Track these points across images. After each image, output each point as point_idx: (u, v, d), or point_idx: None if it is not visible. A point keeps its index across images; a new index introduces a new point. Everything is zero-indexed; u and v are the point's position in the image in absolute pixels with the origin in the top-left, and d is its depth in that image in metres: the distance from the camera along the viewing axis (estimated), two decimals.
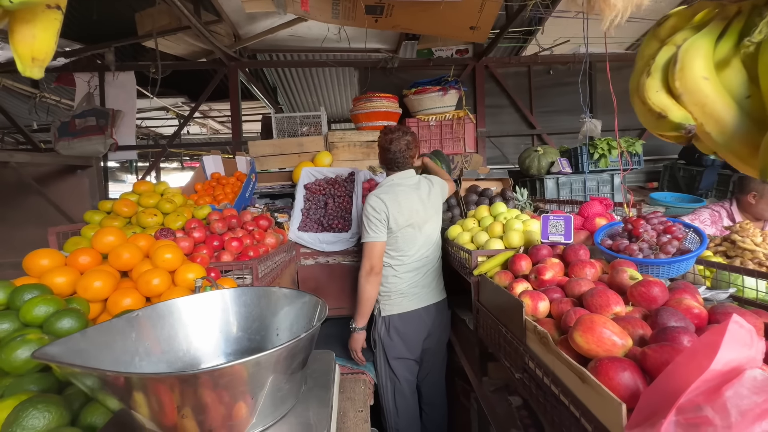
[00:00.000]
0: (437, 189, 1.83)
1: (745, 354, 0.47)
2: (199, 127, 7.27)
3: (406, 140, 1.71)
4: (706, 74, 0.48)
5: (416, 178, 1.80)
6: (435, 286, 1.79)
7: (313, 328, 0.55)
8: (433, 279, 1.78)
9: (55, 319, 0.80)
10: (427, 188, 1.78)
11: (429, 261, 1.75)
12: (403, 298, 1.70)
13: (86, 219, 1.43)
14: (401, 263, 1.69)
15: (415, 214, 1.68)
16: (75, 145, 3.46)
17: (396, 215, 1.63)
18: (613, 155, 2.75)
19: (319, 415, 0.57)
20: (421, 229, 1.71)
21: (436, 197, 1.81)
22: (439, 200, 1.84)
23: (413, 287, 1.71)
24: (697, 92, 0.49)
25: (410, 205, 1.67)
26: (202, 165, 2.56)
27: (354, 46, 3.59)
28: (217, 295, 0.73)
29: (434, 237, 1.79)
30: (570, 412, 0.68)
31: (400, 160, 1.72)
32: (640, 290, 0.83)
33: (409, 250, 1.69)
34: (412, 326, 1.71)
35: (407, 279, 1.70)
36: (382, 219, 1.61)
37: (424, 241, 1.72)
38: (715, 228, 1.97)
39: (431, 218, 1.76)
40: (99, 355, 0.55)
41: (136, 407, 0.48)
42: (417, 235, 1.70)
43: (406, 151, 1.72)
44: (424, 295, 1.74)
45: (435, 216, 1.79)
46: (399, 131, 1.72)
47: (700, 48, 0.49)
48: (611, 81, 1.94)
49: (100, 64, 3.69)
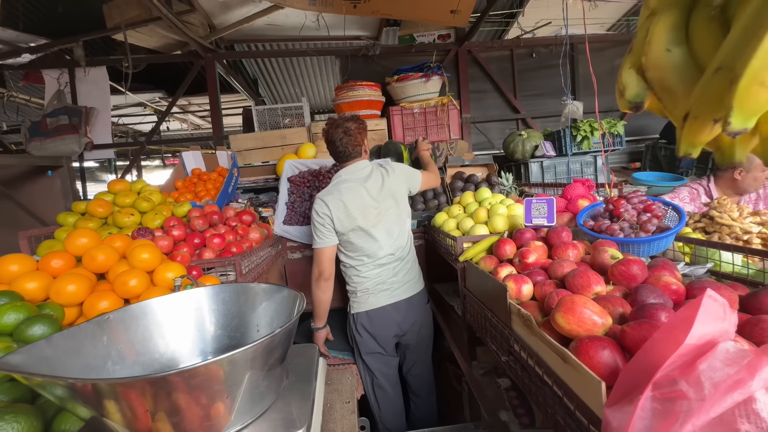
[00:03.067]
0: (397, 176, 1.65)
1: (718, 327, 0.48)
2: (180, 123, 7.08)
3: (344, 128, 1.56)
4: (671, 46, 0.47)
5: (367, 169, 1.62)
6: (407, 280, 1.67)
7: (290, 322, 0.53)
8: (404, 273, 1.66)
9: (25, 326, 0.77)
10: (379, 179, 1.60)
11: (395, 258, 1.63)
12: (370, 295, 1.63)
13: (59, 221, 1.38)
14: (362, 263, 1.61)
15: (365, 213, 1.55)
16: (48, 146, 3.33)
17: (341, 218, 1.52)
18: (596, 137, 2.77)
19: (301, 409, 0.56)
20: (375, 228, 1.57)
21: (395, 185, 1.62)
22: (401, 187, 1.65)
23: (379, 284, 1.62)
24: (657, 66, 0.48)
25: (358, 203, 1.54)
26: (181, 161, 2.49)
27: (333, 34, 3.51)
28: (193, 294, 0.71)
29: (396, 231, 1.62)
30: (553, 392, 0.68)
31: (343, 150, 1.58)
32: (620, 269, 0.84)
33: (368, 250, 1.59)
34: (381, 323, 1.63)
35: (372, 277, 1.61)
36: (326, 224, 1.53)
37: (384, 237, 1.60)
38: (693, 205, 2.01)
39: (388, 211, 1.60)
40: (67, 362, 0.53)
41: (107, 414, 0.46)
42: (373, 234, 1.57)
43: (346, 139, 1.56)
44: (393, 290, 1.64)
45: (394, 207, 1.62)
46: (338, 119, 1.59)
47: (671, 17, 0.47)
48: (591, 62, 1.94)
49: (69, 60, 3.53)
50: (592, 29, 3.93)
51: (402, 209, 1.66)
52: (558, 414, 0.67)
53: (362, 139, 1.61)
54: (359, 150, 1.61)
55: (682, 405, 0.43)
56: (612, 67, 4.01)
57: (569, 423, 0.63)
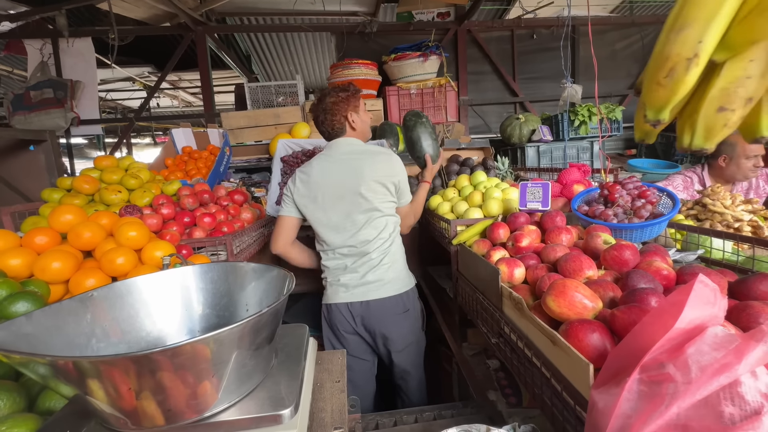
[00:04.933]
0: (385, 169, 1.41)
1: (708, 312, 0.48)
2: (170, 99, 6.90)
3: (323, 105, 1.42)
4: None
5: (352, 146, 1.44)
6: (370, 280, 1.44)
7: (278, 302, 0.52)
8: (366, 272, 1.44)
9: (8, 302, 0.75)
10: (360, 161, 1.40)
11: (357, 251, 1.43)
12: (329, 287, 1.50)
13: (44, 197, 1.34)
14: (323, 250, 1.50)
15: (325, 190, 1.40)
16: (32, 120, 3.23)
17: (300, 200, 1.43)
18: (594, 122, 2.74)
19: (289, 387, 0.56)
20: (333, 209, 1.41)
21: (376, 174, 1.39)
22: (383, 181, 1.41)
23: (336, 279, 1.47)
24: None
25: (321, 179, 1.40)
26: (171, 139, 2.43)
27: (329, 9, 3.39)
28: (180, 272, 0.69)
29: (361, 221, 1.41)
30: (541, 373, 0.69)
31: (325, 131, 1.46)
32: (613, 254, 0.83)
33: (328, 239, 1.44)
34: (338, 322, 1.47)
35: (331, 268, 1.48)
36: (289, 194, 1.46)
37: (342, 223, 1.42)
38: (687, 193, 2.02)
39: (355, 197, 1.39)
40: (48, 339, 0.52)
41: (90, 392, 0.45)
42: (330, 216, 1.42)
43: (326, 117, 1.42)
44: (349, 289, 1.45)
45: (365, 196, 1.39)
46: (321, 94, 1.45)
47: None
48: (593, 45, 1.90)
49: (52, 30, 3.38)
50: (595, 11, 3.84)
51: (378, 203, 1.42)
52: (545, 395, 0.68)
53: (345, 112, 1.42)
54: (342, 125, 1.44)
55: (669, 387, 0.44)
56: (613, 50, 3.94)
57: (556, 403, 0.64)
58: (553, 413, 0.65)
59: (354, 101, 1.46)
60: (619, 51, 3.95)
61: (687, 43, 0.49)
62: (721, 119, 0.53)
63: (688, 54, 0.48)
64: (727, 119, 0.52)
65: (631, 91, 4.03)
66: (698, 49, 0.48)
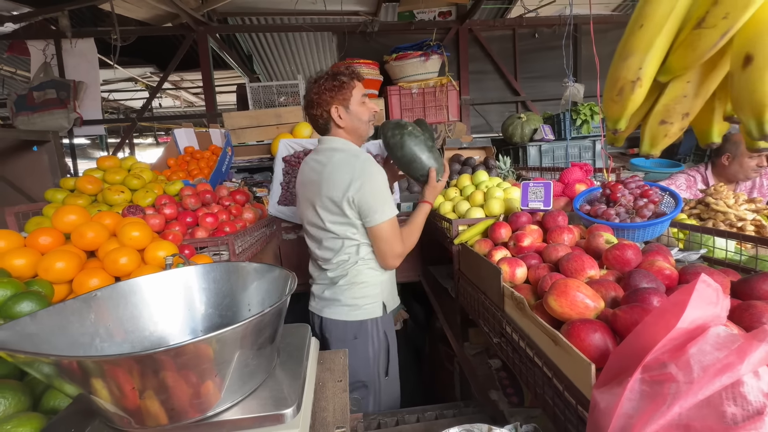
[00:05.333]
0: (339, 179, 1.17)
1: (711, 312, 0.48)
2: (173, 100, 6.92)
3: (308, 95, 1.25)
4: None
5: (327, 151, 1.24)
6: (322, 296, 1.32)
7: (280, 301, 0.53)
8: (321, 287, 1.33)
9: (12, 302, 0.75)
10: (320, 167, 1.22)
11: (320, 266, 1.33)
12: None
13: (47, 198, 1.35)
14: None
15: (300, 198, 1.34)
16: (36, 120, 3.25)
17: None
18: (596, 121, 2.74)
19: (292, 387, 0.56)
20: (303, 217, 1.34)
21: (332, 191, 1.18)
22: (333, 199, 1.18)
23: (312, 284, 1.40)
24: None
25: (300, 185, 1.34)
26: (173, 139, 2.44)
27: (330, 9, 3.39)
28: (182, 272, 0.70)
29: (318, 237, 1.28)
30: (543, 373, 0.69)
31: (316, 128, 1.32)
32: (615, 253, 0.83)
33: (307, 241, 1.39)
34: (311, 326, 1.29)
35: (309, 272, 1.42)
36: None
37: (308, 228, 1.34)
38: (689, 192, 2.01)
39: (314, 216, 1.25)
40: (53, 339, 0.52)
41: (94, 391, 0.46)
42: (305, 227, 1.35)
43: (309, 113, 1.27)
44: (314, 300, 1.38)
45: (319, 220, 1.24)
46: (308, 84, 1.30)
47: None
48: (595, 44, 1.89)
49: (54, 31, 3.40)
50: (597, 9, 3.83)
51: (330, 224, 1.22)
52: (547, 394, 0.68)
53: (329, 105, 1.21)
54: (327, 121, 1.25)
55: (671, 387, 0.44)
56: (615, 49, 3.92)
57: (557, 403, 0.64)
58: (554, 413, 0.65)
59: (342, 93, 1.22)
60: None
61: (631, 68, 0.60)
62: (662, 130, 0.64)
63: (632, 77, 0.60)
64: (667, 130, 0.64)
65: None
66: (640, 73, 0.59)
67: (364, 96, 1.29)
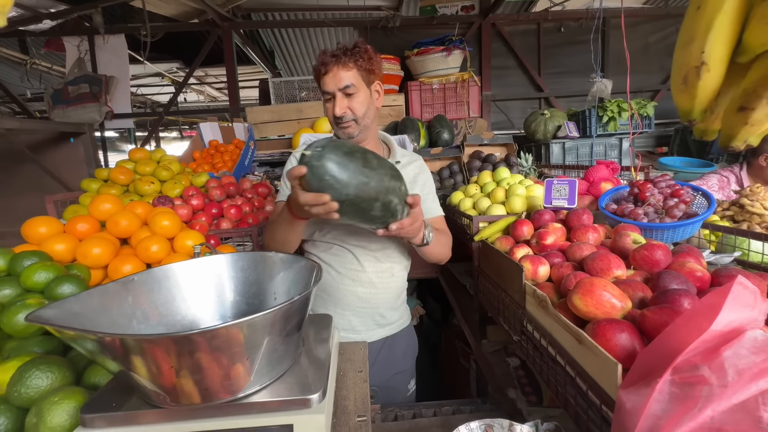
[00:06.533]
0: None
1: (747, 315, 0.46)
2: (197, 95, 7.09)
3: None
4: None
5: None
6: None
7: (308, 290, 0.54)
8: None
9: (55, 284, 0.80)
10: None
11: None
12: None
13: (83, 187, 1.42)
14: None
15: None
16: (70, 113, 3.40)
17: None
18: (623, 118, 2.64)
19: (316, 374, 0.58)
20: None
21: None
22: None
23: None
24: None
25: None
26: (199, 132, 2.51)
27: (353, 4, 3.39)
28: (213, 260, 0.72)
29: None
30: (565, 372, 0.68)
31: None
32: (643, 254, 0.81)
33: None
34: None
35: None
36: None
37: None
38: (722, 193, 1.93)
39: None
40: (95, 318, 0.55)
41: (134, 369, 0.48)
42: None
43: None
44: None
45: None
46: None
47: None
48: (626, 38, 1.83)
49: (88, 27, 3.54)
50: (628, 2, 3.69)
51: None
52: (569, 393, 0.67)
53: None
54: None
55: (703, 390, 0.43)
56: (646, 44, 3.78)
57: (580, 403, 0.64)
58: (577, 412, 0.65)
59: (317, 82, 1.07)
60: (652, 44, 3.78)
61: (693, 54, 0.58)
62: (742, 118, 0.58)
63: (695, 63, 0.57)
64: (748, 118, 0.58)
65: (664, 86, 3.85)
66: (703, 57, 0.56)
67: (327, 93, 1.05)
